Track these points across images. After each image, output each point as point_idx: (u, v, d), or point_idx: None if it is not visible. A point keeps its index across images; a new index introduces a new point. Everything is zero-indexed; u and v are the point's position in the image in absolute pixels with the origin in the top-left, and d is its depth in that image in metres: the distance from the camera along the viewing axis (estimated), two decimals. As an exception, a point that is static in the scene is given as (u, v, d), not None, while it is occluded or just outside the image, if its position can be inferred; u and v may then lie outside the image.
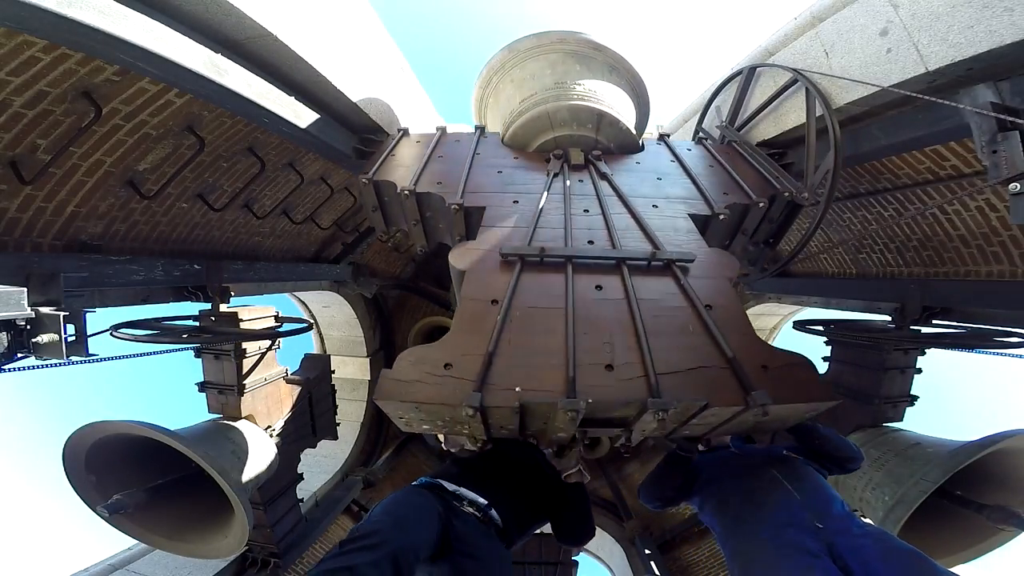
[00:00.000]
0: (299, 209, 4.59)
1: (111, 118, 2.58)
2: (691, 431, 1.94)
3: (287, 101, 2.85)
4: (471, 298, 2.16)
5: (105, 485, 3.06)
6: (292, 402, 4.36)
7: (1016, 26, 1.99)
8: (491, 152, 3.66)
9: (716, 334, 1.96)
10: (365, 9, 3.73)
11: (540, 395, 1.70)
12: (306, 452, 4.65)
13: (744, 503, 2.09)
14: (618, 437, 2.01)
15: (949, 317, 3.55)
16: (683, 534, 6.58)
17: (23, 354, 2.36)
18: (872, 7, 2.70)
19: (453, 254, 2.48)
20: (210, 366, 3.80)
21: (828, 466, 2.31)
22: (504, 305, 2.08)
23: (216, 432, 3.55)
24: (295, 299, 6.69)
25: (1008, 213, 2.04)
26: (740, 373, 1.78)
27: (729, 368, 1.82)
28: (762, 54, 3.74)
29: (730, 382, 1.77)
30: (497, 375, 1.77)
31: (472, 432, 1.89)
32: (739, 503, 2.11)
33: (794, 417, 1.91)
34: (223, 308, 3.68)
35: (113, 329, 2.82)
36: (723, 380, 1.79)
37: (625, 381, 1.76)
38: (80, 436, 2.97)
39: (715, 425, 1.88)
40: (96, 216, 2.90)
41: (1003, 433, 2.62)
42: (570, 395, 1.68)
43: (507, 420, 1.79)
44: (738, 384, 1.76)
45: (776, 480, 2.11)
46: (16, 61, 2.07)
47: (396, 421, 1.82)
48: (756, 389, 1.69)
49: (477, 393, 1.65)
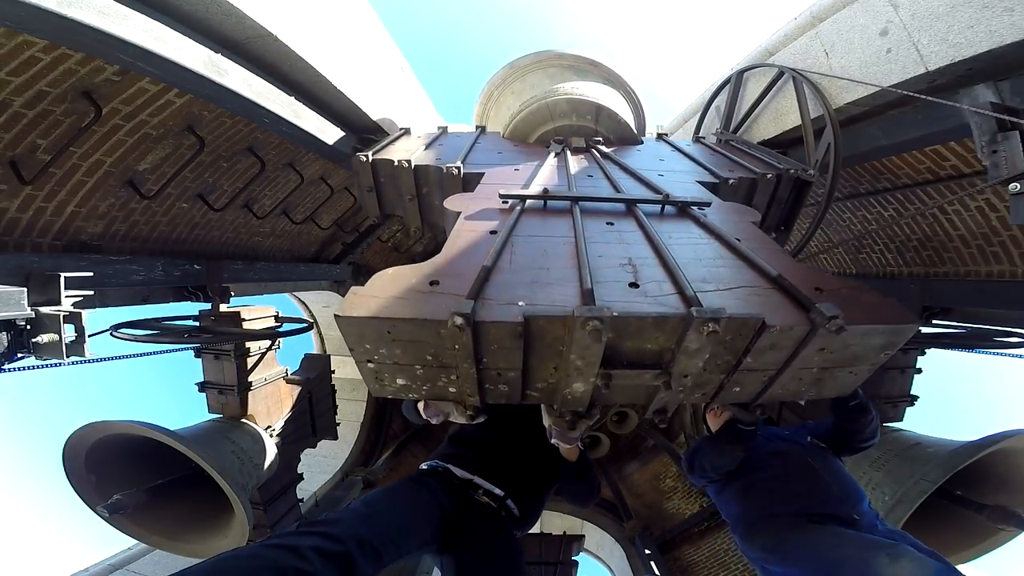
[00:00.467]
0: (299, 209, 4.59)
1: (111, 118, 2.58)
2: (742, 387, 1.50)
3: (287, 101, 2.85)
4: (466, 229, 1.87)
5: (105, 485, 3.06)
6: (292, 402, 4.36)
7: (1016, 26, 1.99)
8: (492, 142, 3.69)
9: (753, 257, 1.63)
10: (365, 9, 3.73)
11: (551, 309, 1.31)
12: (306, 452, 4.65)
13: (774, 490, 2.00)
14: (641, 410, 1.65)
15: (949, 317, 3.55)
16: (683, 534, 6.58)
17: (23, 354, 2.36)
18: (872, 7, 2.70)
19: (448, 200, 2.25)
20: (210, 366, 3.80)
21: (842, 454, 2.25)
22: (504, 232, 1.76)
23: (216, 432, 3.55)
24: (295, 299, 6.69)
25: (1008, 213, 2.04)
26: (792, 291, 1.42)
27: (776, 287, 1.48)
28: (762, 54, 3.74)
29: (782, 301, 1.41)
30: (495, 289, 1.43)
31: (461, 392, 1.47)
32: (769, 490, 2.02)
33: (872, 350, 1.42)
34: (223, 308, 3.68)
35: (113, 329, 2.82)
36: (773, 300, 1.42)
37: (655, 297, 1.41)
38: (80, 436, 2.97)
39: (773, 372, 1.44)
40: (96, 216, 2.90)
41: (1003, 433, 2.62)
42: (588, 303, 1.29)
43: (506, 358, 1.34)
44: (793, 303, 1.39)
45: (811, 469, 2.04)
46: (16, 61, 2.07)
47: (362, 369, 1.41)
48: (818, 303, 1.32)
49: (470, 301, 1.29)
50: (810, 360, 1.41)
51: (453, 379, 1.43)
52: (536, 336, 1.32)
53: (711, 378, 1.44)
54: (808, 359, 1.40)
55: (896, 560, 1.51)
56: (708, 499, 6.56)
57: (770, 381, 1.49)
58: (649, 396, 1.50)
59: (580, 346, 1.25)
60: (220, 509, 3.25)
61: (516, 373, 1.40)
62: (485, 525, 1.75)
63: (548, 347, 1.35)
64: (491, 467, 1.94)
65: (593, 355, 1.28)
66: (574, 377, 1.36)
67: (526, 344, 1.32)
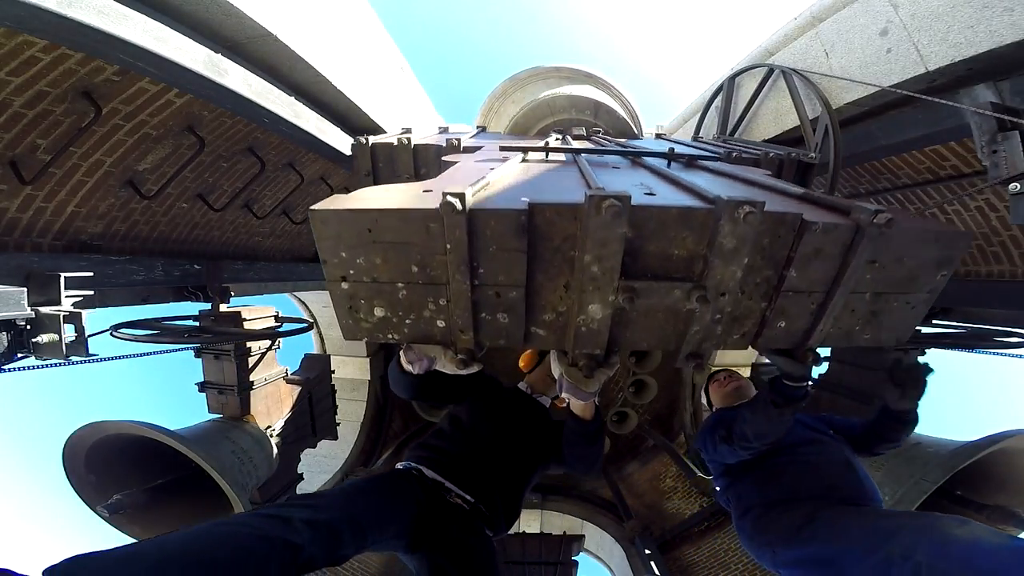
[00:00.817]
0: (299, 209, 4.59)
1: (111, 118, 2.58)
2: (787, 320, 1.27)
3: (287, 101, 2.85)
4: (465, 161, 1.71)
5: (105, 485, 3.06)
6: (292, 402, 4.36)
7: (1016, 26, 1.98)
8: (493, 136, 3.75)
9: (775, 184, 1.48)
10: (365, 9, 3.73)
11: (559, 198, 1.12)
12: (306, 452, 4.65)
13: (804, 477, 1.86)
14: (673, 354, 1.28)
15: (949, 317, 3.55)
16: (683, 534, 6.57)
17: (23, 354, 2.36)
18: (872, 7, 2.70)
19: (447, 156, 2.12)
20: (210, 366, 3.80)
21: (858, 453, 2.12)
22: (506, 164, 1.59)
23: (216, 432, 3.55)
24: (295, 299, 6.69)
25: (1008, 213, 2.04)
26: (824, 202, 1.27)
27: (806, 201, 1.32)
28: (762, 54, 3.74)
29: (817, 210, 1.24)
30: (494, 188, 1.25)
31: (451, 326, 1.21)
32: (799, 474, 1.88)
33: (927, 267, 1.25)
34: (223, 308, 3.68)
35: (113, 329, 2.82)
36: (807, 208, 1.24)
37: (677, 195, 1.24)
38: (80, 436, 2.97)
39: (821, 295, 1.23)
40: (96, 216, 2.90)
41: (1003, 433, 2.62)
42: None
43: (507, 268, 1.13)
44: (829, 210, 1.23)
45: (848, 463, 1.92)
46: (16, 61, 2.07)
47: (335, 296, 1.19)
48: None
49: (470, 187, 1.11)
50: (861, 279, 1.21)
51: (443, 304, 1.18)
52: (543, 236, 1.10)
53: (751, 307, 1.21)
54: (859, 276, 1.19)
55: (965, 523, 1.42)
56: (708, 499, 6.57)
57: (819, 311, 1.24)
58: (681, 330, 1.22)
59: (596, 240, 1.04)
60: (220, 509, 3.25)
61: (519, 294, 1.15)
62: (459, 526, 1.68)
63: (557, 253, 1.12)
64: (463, 471, 1.82)
65: (612, 253, 1.06)
66: (589, 295, 1.12)
67: (531, 248, 1.10)
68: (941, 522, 1.45)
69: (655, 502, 7.49)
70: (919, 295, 1.30)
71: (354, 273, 1.15)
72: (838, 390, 4.17)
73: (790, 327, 1.28)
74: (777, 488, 1.90)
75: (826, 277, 1.20)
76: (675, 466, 7.27)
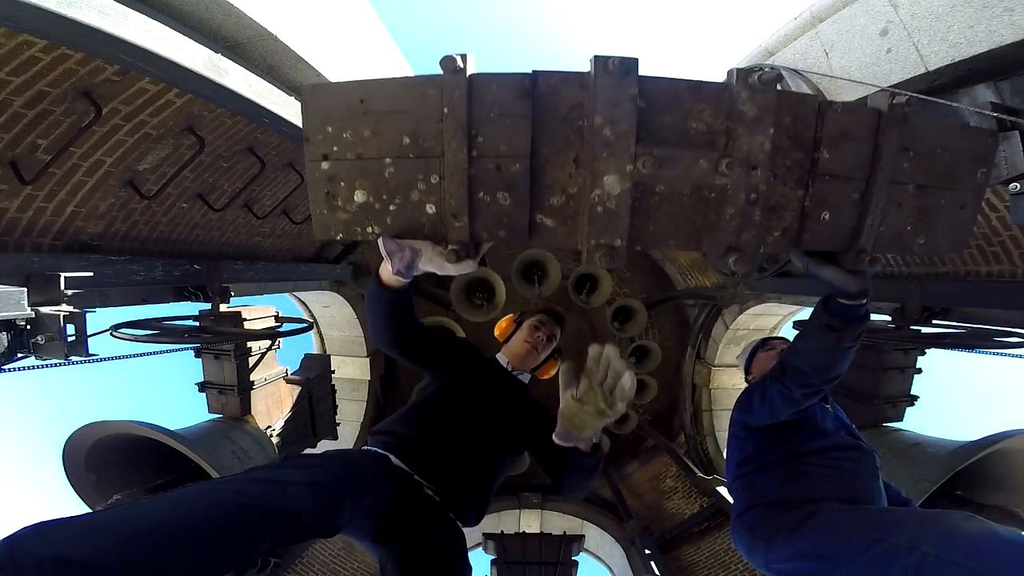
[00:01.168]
0: (299, 209, 4.59)
1: (111, 118, 2.58)
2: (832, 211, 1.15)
3: (287, 101, 2.85)
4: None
5: (105, 485, 3.06)
6: (292, 402, 4.36)
7: (1016, 26, 1.99)
8: None
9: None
10: (365, 9, 3.73)
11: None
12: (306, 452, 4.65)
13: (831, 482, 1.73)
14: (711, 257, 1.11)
15: (949, 317, 3.55)
16: (683, 534, 6.58)
17: (23, 354, 2.36)
18: (872, 7, 2.70)
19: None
20: (210, 366, 3.80)
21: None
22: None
23: (216, 432, 3.55)
24: (295, 299, 6.69)
25: (1008, 213, 2.04)
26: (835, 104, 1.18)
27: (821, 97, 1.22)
28: (762, 54, 3.74)
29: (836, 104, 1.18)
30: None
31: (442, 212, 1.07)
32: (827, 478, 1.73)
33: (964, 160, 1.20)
34: (223, 308, 3.68)
35: (113, 329, 2.82)
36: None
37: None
38: (80, 436, 2.97)
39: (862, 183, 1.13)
40: (96, 216, 2.90)
41: (1003, 433, 2.63)
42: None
43: (509, 136, 1.02)
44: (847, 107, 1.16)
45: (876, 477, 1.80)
46: (16, 61, 2.07)
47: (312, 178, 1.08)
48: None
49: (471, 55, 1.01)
50: (899, 167, 1.13)
51: (434, 183, 1.05)
52: (548, 105, 1.01)
53: (787, 194, 1.10)
54: (896, 164, 1.12)
55: (972, 518, 1.36)
56: (708, 499, 6.57)
57: (863, 203, 1.14)
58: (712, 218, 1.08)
59: (606, 101, 0.96)
60: (220, 509, 3.25)
61: (522, 166, 1.03)
62: (429, 515, 1.54)
63: (564, 124, 1.03)
64: (430, 462, 1.64)
65: (624, 115, 0.97)
66: (603, 163, 1.00)
67: (536, 118, 1.01)
68: (948, 515, 1.41)
69: (655, 502, 7.50)
70: (964, 193, 1.21)
71: (338, 150, 1.05)
72: (837, 390, 4.17)
73: (835, 221, 1.15)
74: (798, 487, 1.75)
75: (861, 162, 1.11)
76: (675, 466, 7.27)
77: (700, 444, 7.52)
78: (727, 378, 7.35)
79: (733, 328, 6.81)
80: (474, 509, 1.70)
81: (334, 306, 6.86)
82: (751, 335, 7.03)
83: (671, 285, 7.96)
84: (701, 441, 7.54)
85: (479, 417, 1.81)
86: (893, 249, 1.22)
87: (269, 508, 1.05)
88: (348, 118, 1.04)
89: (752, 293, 6.20)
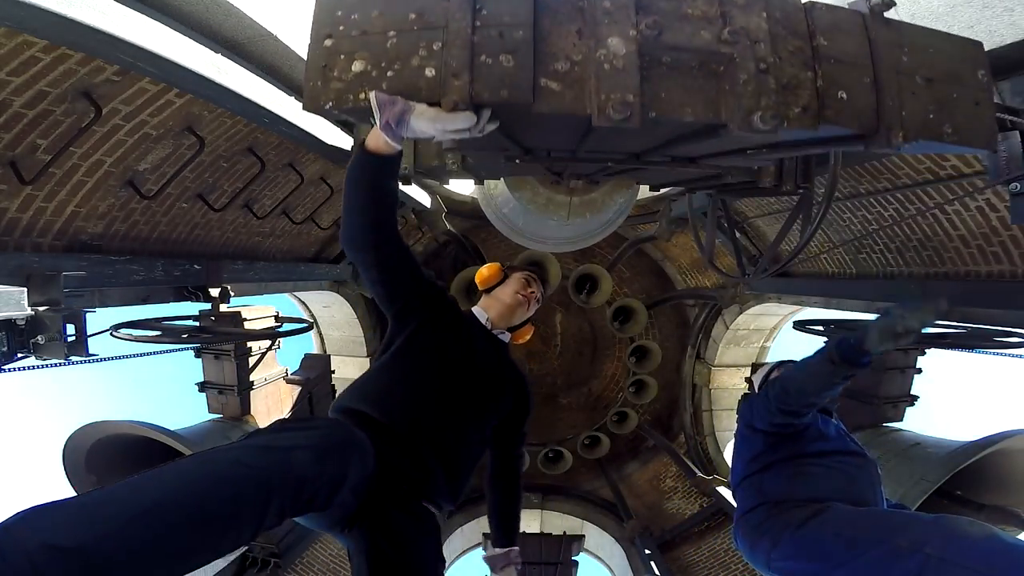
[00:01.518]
0: (299, 209, 4.59)
1: (111, 118, 2.58)
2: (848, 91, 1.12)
3: (287, 101, 2.85)
4: None
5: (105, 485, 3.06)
6: (292, 402, 4.36)
7: (1016, 26, 1.99)
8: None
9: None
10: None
11: None
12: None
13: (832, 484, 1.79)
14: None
15: (949, 317, 3.55)
16: (683, 534, 6.58)
17: (23, 354, 2.37)
18: (872, 7, 2.70)
19: None
20: (210, 366, 3.81)
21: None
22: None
23: (216, 432, 3.56)
24: (295, 299, 6.69)
25: (1008, 213, 2.04)
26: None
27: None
28: None
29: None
30: None
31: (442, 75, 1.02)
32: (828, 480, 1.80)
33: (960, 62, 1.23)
34: (223, 308, 3.68)
35: (113, 329, 2.82)
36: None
37: None
38: (80, 436, 2.98)
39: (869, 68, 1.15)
40: (96, 216, 2.91)
41: (1003, 433, 2.63)
42: None
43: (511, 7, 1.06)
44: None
45: (878, 483, 1.87)
46: (16, 61, 2.07)
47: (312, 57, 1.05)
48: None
49: None
50: (898, 59, 1.15)
51: (436, 49, 1.03)
52: None
53: (796, 74, 1.09)
54: (895, 56, 1.14)
55: (976, 523, 1.39)
56: (708, 499, 6.57)
57: (875, 86, 1.14)
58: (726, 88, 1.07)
59: None
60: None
61: (525, 33, 1.03)
62: (399, 501, 1.40)
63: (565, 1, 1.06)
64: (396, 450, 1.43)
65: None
66: (606, 28, 1.03)
67: None
68: (951, 519, 1.43)
69: (655, 502, 7.50)
70: (974, 91, 1.22)
71: (343, 29, 1.04)
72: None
73: (853, 102, 1.13)
74: (804, 487, 1.81)
75: (860, 50, 1.14)
76: (675, 466, 7.28)
77: (700, 444, 7.53)
78: (727, 378, 7.35)
79: (733, 328, 6.81)
80: (448, 494, 1.52)
81: (334, 306, 6.87)
82: (751, 335, 7.04)
83: (671, 285, 7.97)
84: (701, 441, 7.54)
85: (456, 381, 1.58)
86: (925, 135, 1.17)
87: (273, 485, 1.00)
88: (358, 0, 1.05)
89: (752, 293, 6.21)
